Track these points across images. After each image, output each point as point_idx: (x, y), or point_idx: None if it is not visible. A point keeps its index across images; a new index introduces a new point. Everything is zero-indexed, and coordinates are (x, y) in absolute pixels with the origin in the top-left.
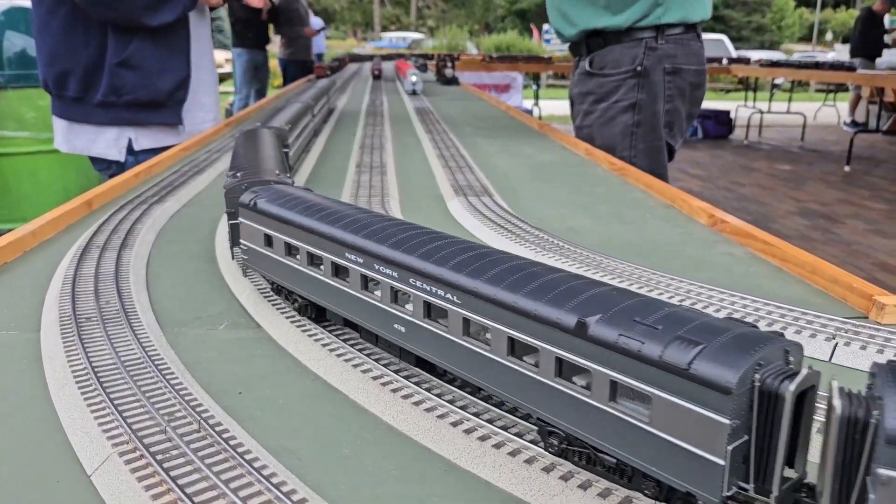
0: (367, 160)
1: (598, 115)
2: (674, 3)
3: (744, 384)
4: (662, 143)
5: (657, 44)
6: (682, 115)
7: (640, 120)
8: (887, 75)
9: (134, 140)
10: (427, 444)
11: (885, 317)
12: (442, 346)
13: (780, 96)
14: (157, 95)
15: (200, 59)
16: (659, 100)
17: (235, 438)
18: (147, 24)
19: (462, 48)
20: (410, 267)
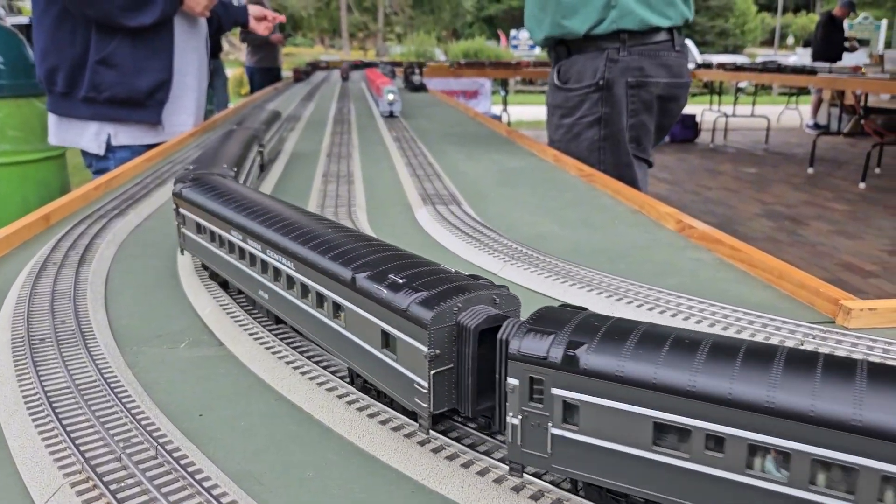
0: (333, 169)
1: (565, 130)
2: (634, 6)
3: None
4: (630, 158)
5: (619, 55)
6: (650, 129)
7: (606, 135)
8: (847, 78)
9: (112, 136)
10: (394, 464)
11: (851, 321)
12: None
13: (745, 100)
14: (134, 94)
15: (186, 64)
16: (622, 114)
17: (194, 464)
18: (125, 25)
19: (430, 55)
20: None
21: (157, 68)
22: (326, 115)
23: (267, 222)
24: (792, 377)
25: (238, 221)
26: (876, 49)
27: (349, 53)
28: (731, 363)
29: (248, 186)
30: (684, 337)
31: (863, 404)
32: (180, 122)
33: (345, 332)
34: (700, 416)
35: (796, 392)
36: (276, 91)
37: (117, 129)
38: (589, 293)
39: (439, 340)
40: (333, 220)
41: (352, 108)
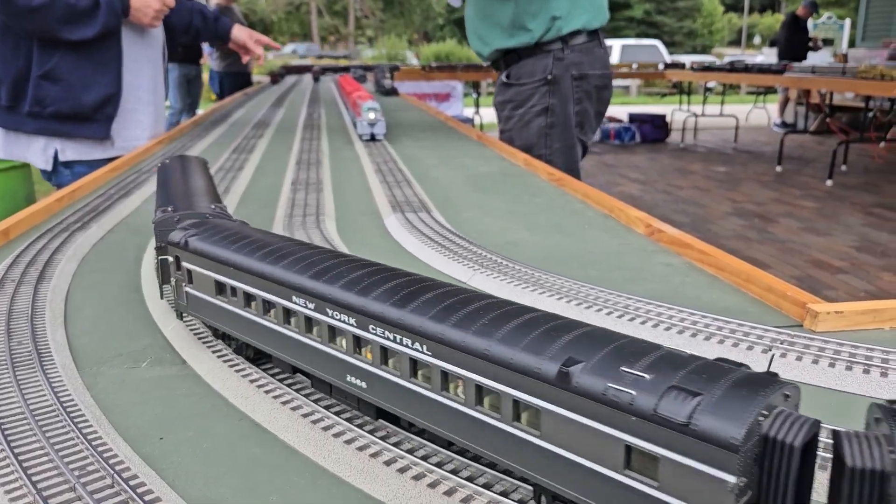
0: (302, 177)
1: (516, 119)
2: (571, 16)
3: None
4: (575, 141)
5: (564, 54)
6: (591, 115)
7: (553, 122)
8: (812, 78)
9: (60, 151)
10: (360, 486)
11: (818, 325)
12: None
13: (713, 99)
14: (80, 109)
15: (137, 77)
16: (569, 103)
17: (152, 493)
18: (65, 38)
19: (401, 57)
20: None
21: (104, 82)
22: (296, 120)
23: (348, 284)
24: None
25: (304, 285)
26: (840, 48)
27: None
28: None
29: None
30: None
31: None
32: (134, 136)
33: (542, 445)
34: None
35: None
36: (245, 96)
37: (64, 144)
38: (559, 301)
39: (747, 464)
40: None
41: (322, 113)
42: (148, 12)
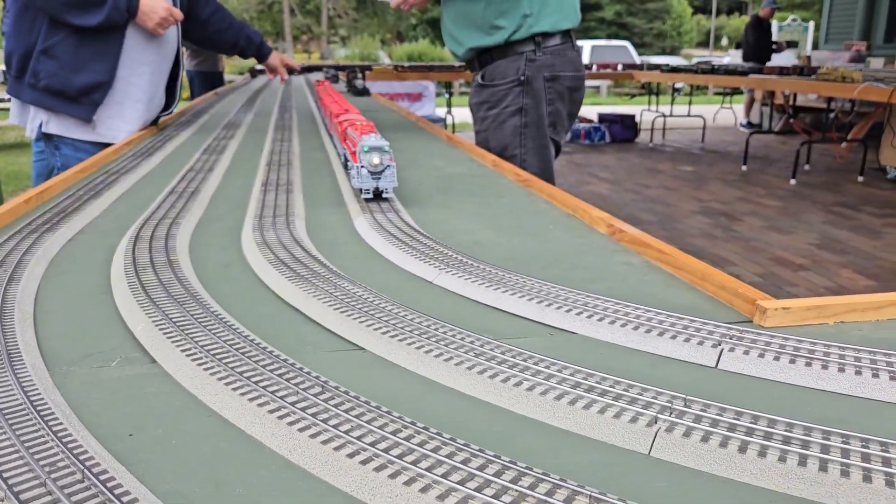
0: (273, 178)
1: (491, 119)
2: (542, 14)
3: None
4: (548, 140)
5: (536, 56)
6: (564, 115)
7: (527, 122)
8: (776, 79)
9: (45, 123)
10: (325, 477)
11: (767, 320)
12: None
13: (681, 100)
14: (68, 88)
15: (133, 75)
16: (542, 103)
17: (122, 486)
18: (69, 22)
19: (374, 57)
20: None
21: (97, 70)
22: (268, 121)
23: None
24: None
25: None
26: (804, 50)
27: (293, 56)
28: None
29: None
30: None
31: None
32: (116, 127)
33: None
34: None
35: None
36: (216, 96)
37: (50, 117)
38: (520, 299)
39: None
40: (272, 229)
41: (293, 114)
42: (154, 17)
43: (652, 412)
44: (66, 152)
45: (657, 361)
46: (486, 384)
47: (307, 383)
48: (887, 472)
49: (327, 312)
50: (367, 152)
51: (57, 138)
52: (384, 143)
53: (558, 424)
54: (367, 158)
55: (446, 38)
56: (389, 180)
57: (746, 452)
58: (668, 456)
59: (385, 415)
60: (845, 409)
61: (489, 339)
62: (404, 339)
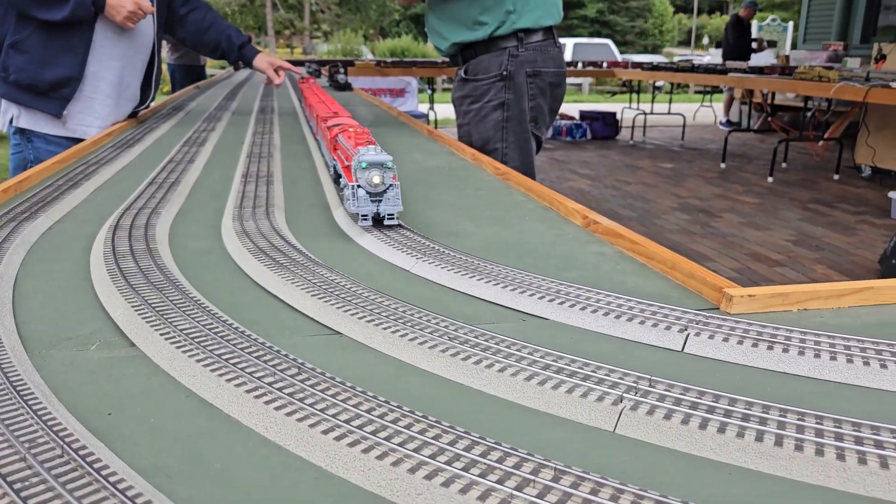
0: (253, 170)
1: (473, 113)
2: (524, 11)
3: None
4: (529, 135)
5: (519, 52)
6: (545, 111)
7: (508, 116)
8: (755, 78)
9: (16, 117)
10: (299, 453)
11: (733, 307)
12: None
13: (662, 98)
14: (37, 83)
15: (103, 70)
16: (524, 98)
17: (101, 461)
18: (35, 15)
19: (357, 53)
20: None
21: (67, 65)
22: (249, 114)
23: None
24: None
25: None
26: (783, 50)
27: (275, 51)
28: None
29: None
30: None
31: None
32: (86, 123)
33: None
34: None
35: None
36: (197, 90)
37: (20, 111)
38: (494, 287)
39: None
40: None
41: (275, 106)
42: (122, 11)
43: (618, 392)
44: (39, 145)
45: (625, 345)
46: (458, 366)
47: (284, 365)
48: (838, 447)
49: (305, 298)
50: (364, 169)
51: (29, 131)
52: (386, 158)
53: (527, 404)
54: (366, 177)
55: (430, 33)
56: (393, 203)
57: (706, 429)
58: (632, 433)
59: (360, 394)
60: (803, 389)
61: (463, 324)
62: (380, 324)
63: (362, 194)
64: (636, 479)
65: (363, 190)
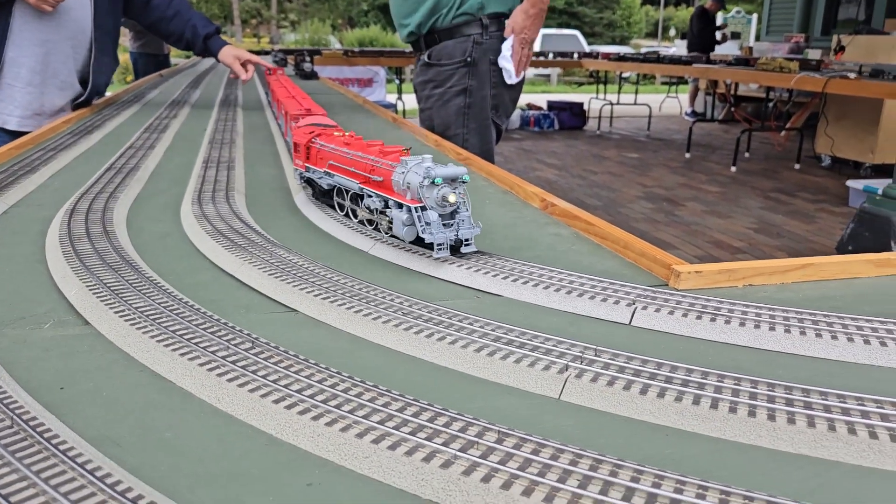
0: (215, 156)
1: (436, 98)
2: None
3: None
4: (490, 122)
5: (483, 39)
6: (506, 99)
7: (471, 102)
8: (719, 69)
9: None
10: (251, 421)
11: (680, 283)
12: None
13: (628, 88)
14: None
15: (22, 56)
16: (486, 85)
17: (51, 431)
18: None
19: (325, 42)
20: None
21: None
22: (213, 101)
23: None
24: None
25: None
26: (747, 41)
27: (241, 41)
28: None
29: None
30: None
31: None
32: (6, 111)
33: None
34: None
35: None
36: (160, 78)
37: None
38: (451, 266)
39: None
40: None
41: (239, 94)
42: None
43: (564, 361)
44: None
45: (575, 319)
46: (411, 340)
47: (238, 339)
48: (769, 409)
49: (262, 278)
50: (433, 186)
51: None
52: (462, 171)
53: (477, 374)
54: (436, 196)
55: (395, 17)
56: (469, 225)
57: (647, 394)
58: (576, 399)
59: (312, 366)
60: (742, 357)
61: (418, 300)
62: (336, 301)
63: (435, 218)
64: (577, 441)
65: (435, 213)
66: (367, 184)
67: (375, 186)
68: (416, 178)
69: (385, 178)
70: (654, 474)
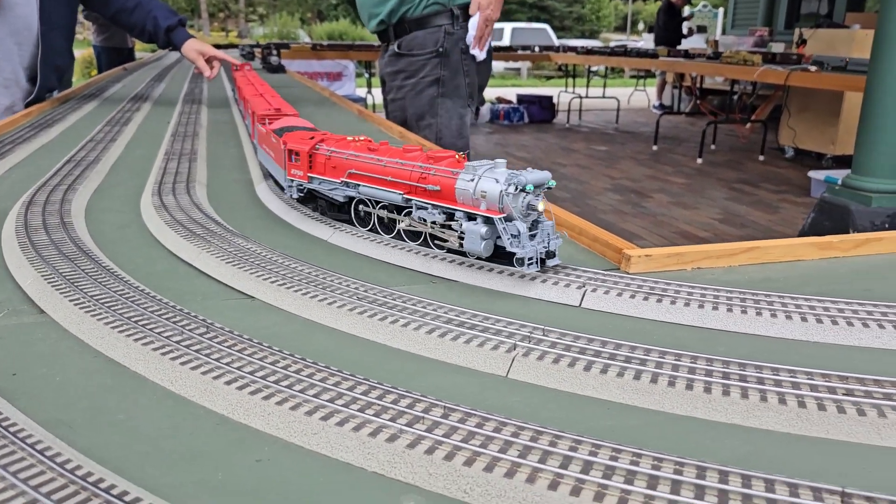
0: (177, 148)
1: (409, 88)
2: None
3: None
4: (465, 110)
5: (453, 29)
6: (476, 88)
7: (444, 92)
8: (685, 62)
9: None
10: (203, 403)
11: (631, 267)
12: None
13: (597, 82)
14: None
15: None
16: (459, 75)
17: (2, 413)
18: None
19: (294, 36)
20: None
21: None
22: (177, 94)
23: None
24: None
25: None
26: (714, 35)
27: (209, 35)
28: None
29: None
30: None
31: None
32: None
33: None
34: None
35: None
36: (125, 71)
37: None
38: (408, 253)
39: None
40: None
41: (204, 88)
42: None
43: (512, 341)
44: None
45: (527, 302)
46: (365, 323)
47: (193, 325)
48: (706, 382)
49: (220, 266)
50: (521, 194)
51: None
52: (547, 175)
53: (428, 354)
54: (522, 204)
55: (360, 8)
56: (555, 234)
57: (590, 371)
58: (523, 376)
59: (265, 349)
60: (684, 335)
61: (373, 285)
62: (292, 287)
63: (524, 229)
64: (522, 415)
65: (525, 226)
66: (415, 193)
67: (429, 196)
68: (494, 186)
69: (444, 187)
70: (592, 444)
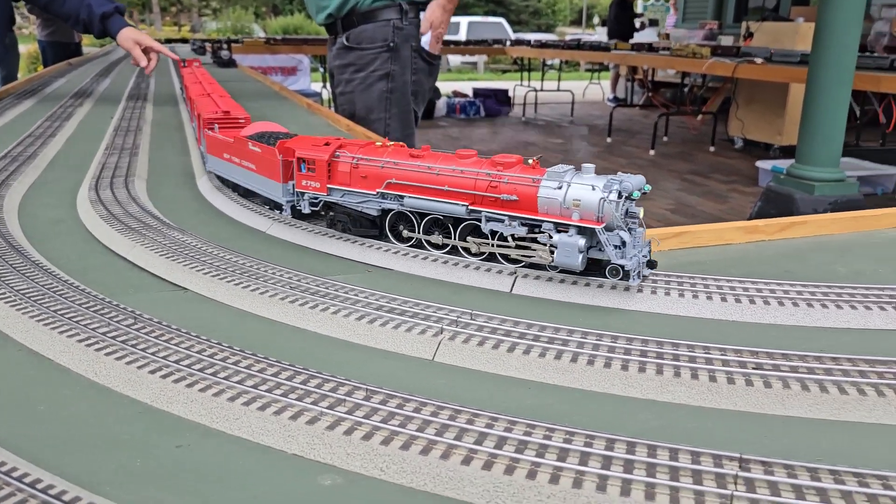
0: (119, 142)
1: (358, 82)
2: None
3: None
4: (411, 108)
5: (402, 24)
6: (424, 87)
7: (393, 87)
8: (637, 55)
9: None
10: (126, 392)
11: None
12: None
13: (552, 75)
14: None
15: None
16: (408, 71)
17: None
18: None
19: (248, 31)
20: None
21: None
22: (122, 90)
23: None
24: None
25: None
26: (664, 28)
27: (161, 30)
28: None
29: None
30: None
31: None
32: None
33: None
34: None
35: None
36: (69, 66)
37: None
38: (345, 243)
39: None
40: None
41: (151, 83)
42: None
43: (440, 325)
44: None
45: (459, 289)
46: (296, 311)
47: (120, 317)
48: (624, 360)
49: (153, 258)
50: (620, 200)
51: None
52: (642, 179)
53: (357, 340)
54: (622, 212)
55: (308, 3)
56: (644, 242)
57: (514, 352)
58: (449, 360)
59: (193, 338)
60: (609, 318)
61: (308, 275)
62: (226, 278)
63: (628, 238)
64: (446, 396)
65: (626, 233)
66: (482, 204)
67: (501, 206)
68: (591, 194)
69: (523, 197)
70: (508, 420)
